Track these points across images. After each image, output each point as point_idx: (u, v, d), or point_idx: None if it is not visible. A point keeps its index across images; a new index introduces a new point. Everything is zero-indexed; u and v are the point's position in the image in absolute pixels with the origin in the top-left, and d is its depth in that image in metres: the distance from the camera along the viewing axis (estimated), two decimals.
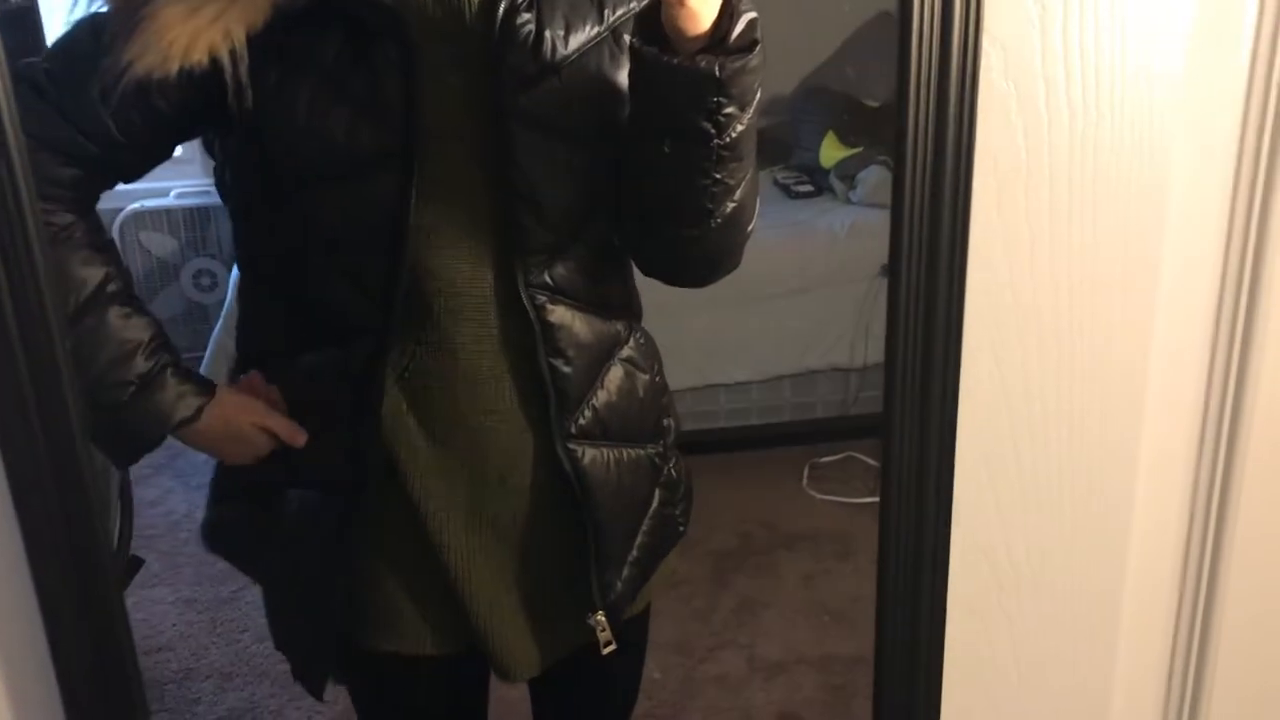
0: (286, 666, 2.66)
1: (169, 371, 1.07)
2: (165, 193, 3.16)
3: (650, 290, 1.16)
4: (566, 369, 1.08)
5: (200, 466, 3.08)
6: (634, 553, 1.17)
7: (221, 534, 1.21)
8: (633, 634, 1.26)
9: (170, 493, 2.88)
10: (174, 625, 2.53)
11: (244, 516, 1.17)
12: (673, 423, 1.23)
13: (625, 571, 1.16)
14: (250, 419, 1.10)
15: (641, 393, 1.17)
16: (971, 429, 0.69)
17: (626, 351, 1.15)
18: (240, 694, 2.39)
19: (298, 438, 1.10)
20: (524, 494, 1.12)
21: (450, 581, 1.12)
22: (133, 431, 1.07)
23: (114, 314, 1.04)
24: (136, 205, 3.17)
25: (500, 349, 1.07)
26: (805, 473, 2.77)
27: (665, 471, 1.21)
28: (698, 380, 2.77)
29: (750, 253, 1.08)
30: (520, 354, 1.07)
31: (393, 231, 1.00)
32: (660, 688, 2.43)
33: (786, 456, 2.84)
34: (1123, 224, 0.68)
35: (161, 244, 3.11)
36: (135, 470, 2.97)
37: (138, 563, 1.76)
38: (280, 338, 1.11)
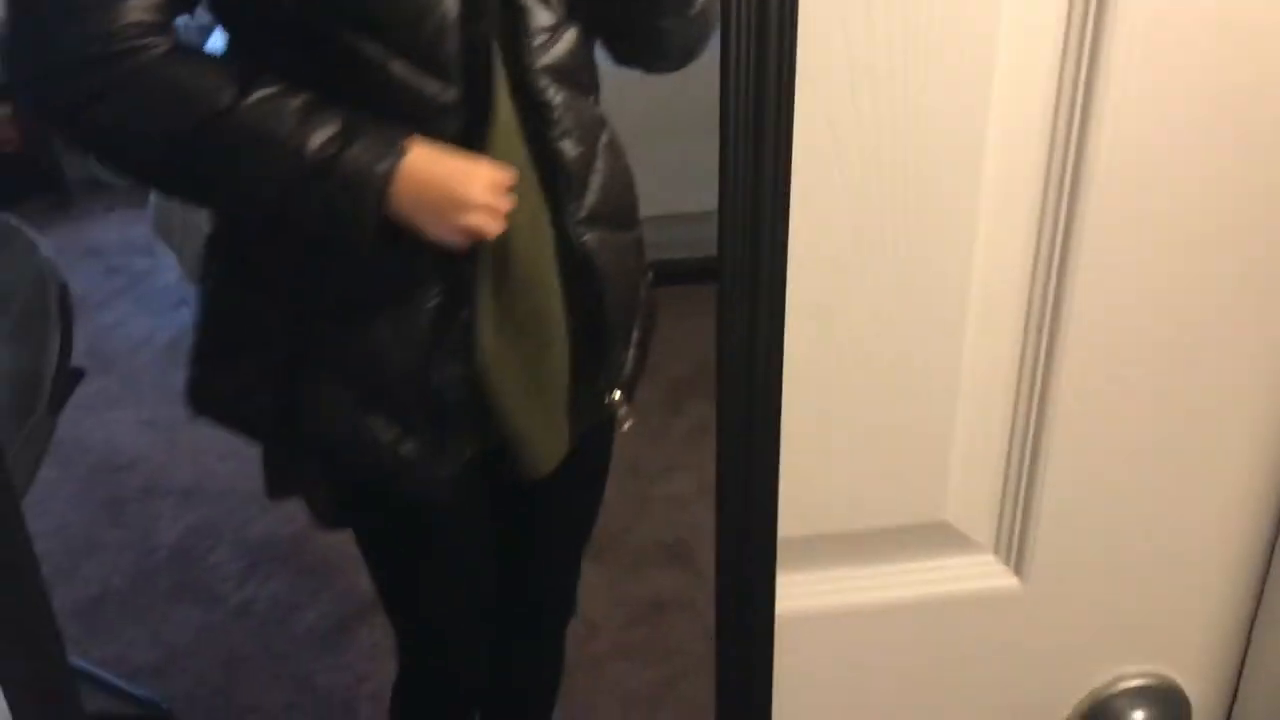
0: (248, 485, 2.71)
1: (357, 113, 0.99)
2: None
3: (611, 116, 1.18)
4: (573, 150, 1.11)
5: (160, 292, 3.09)
6: (636, 333, 1.22)
7: (219, 393, 1.18)
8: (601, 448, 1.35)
9: (131, 316, 2.89)
10: (135, 445, 2.57)
11: (259, 368, 1.12)
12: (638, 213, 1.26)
13: (631, 352, 1.22)
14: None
15: (625, 176, 1.20)
16: (804, 194, 0.68)
17: (608, 135, 1.18)
18: (200, 512, 2.45)
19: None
20: (541, 285, 1.14)
21: (484, 385, 1.12)
22: (357, 186, 0.98)
23: (264, 88, 0.97)
24: None
25: (510, 139, 1.07)
26: None
27: (644, 258, 1.25)
28: (659, 209, 2.74)
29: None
30: (531, 139, 1.08)
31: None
32: (611, 506, 2.48)
33: None
34: None
35: None
36: (95, 295, 2.98)
37: (79, 374, 1.78)
38: None
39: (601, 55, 1.19)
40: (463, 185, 1.02)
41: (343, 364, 1.10)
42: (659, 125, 1.29)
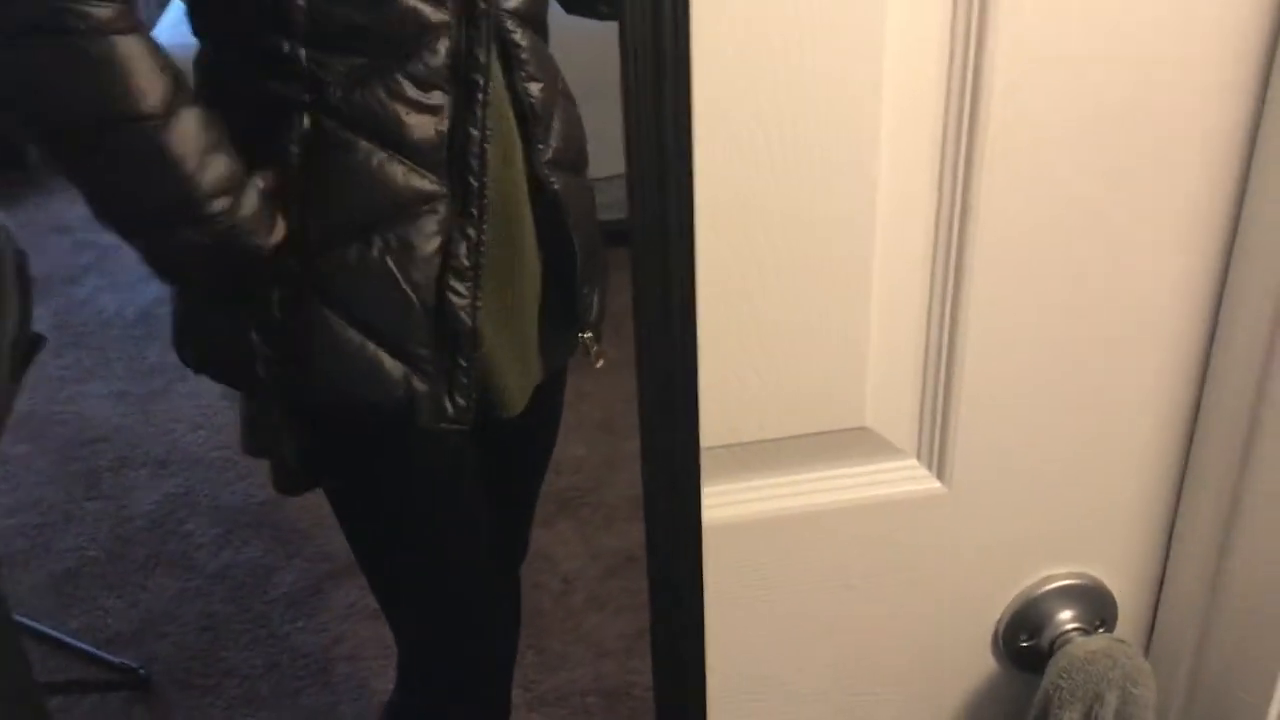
0: (221, 454, 2.71)
1: (253, 176, 1.05)
2: None
3: (574, 74, 1.21)
4: (539, 92, 1.13)
5: (128, 266, 3.09)
6: (596, 275, 1.24)
7: (214, 344, 1.16)
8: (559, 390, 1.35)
9: (100, 290, 2.89)
10: (108, 418, 2.58)
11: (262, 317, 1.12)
12: None
13: (595, 292, 1.24)
14: None
15: (578, 122, 1.22)
16: (707, 99, 0.69)
17: (562, 83, 1.19)
18: (175, 480, 2.46)
19: None
20: (514, 221, 1.15)
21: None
22: (243, 245, 1.03)
23: (186, 107, 1.00)
24: None
25: (492, 76, 1.09)
26: None
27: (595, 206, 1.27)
28: (612, 170, 2.75)
29: None
30: (505, 81, 1.12)
31: None
32: (585, 463, 2.50)
33: None
34: None
35: None
36: (64, 271, 2.98)
37: (40, 340, 1.78)
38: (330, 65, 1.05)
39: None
40: None
41: (346, 300, 1.09)
42: (608, 85, 1.31)
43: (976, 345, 0.77)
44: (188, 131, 0.98)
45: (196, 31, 1.12)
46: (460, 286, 1.09)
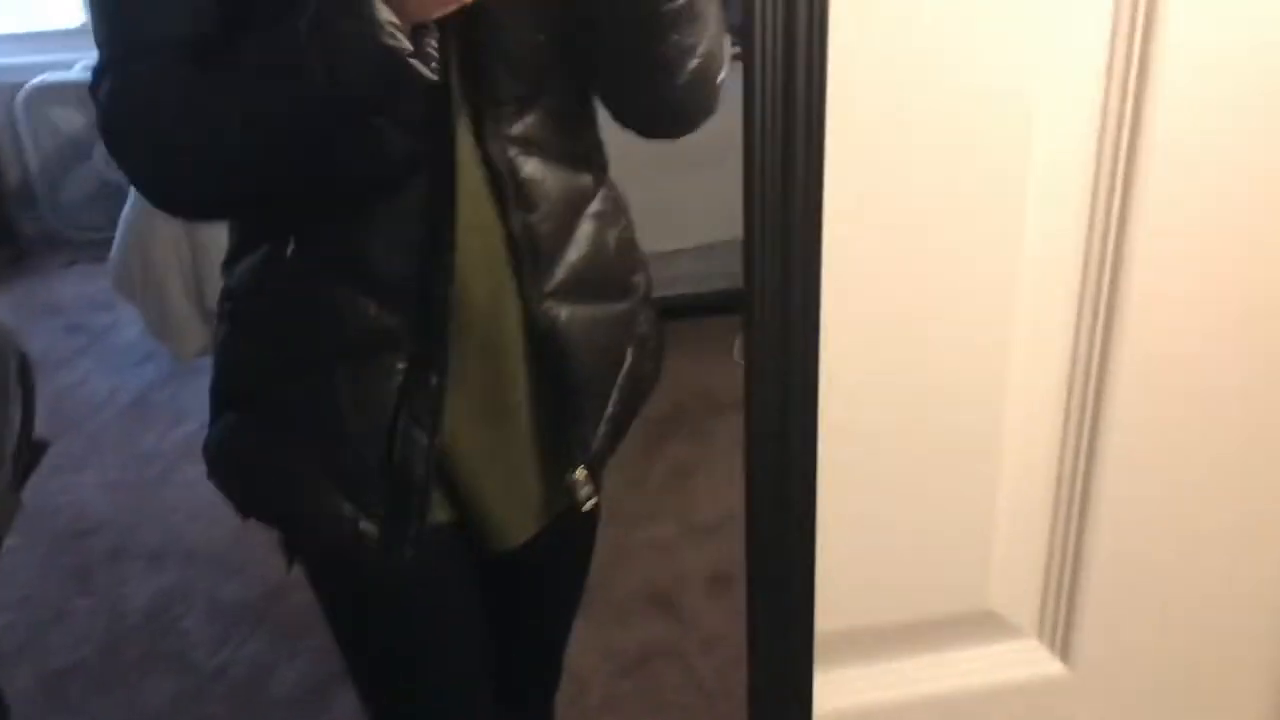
0: (219, 545, 2.63)
1: None
2: (69, 65, 3.01)
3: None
4: (540, 223, 1.07)
5: (121, 349, 3.02)
6: (609, 409, 1.17)
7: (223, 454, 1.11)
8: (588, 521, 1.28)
9: (91, 374, 2.82)
10: (100, 508, 2.49)
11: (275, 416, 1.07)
12: (644, 278, 1.21)
13: (602, 428, 1.17)
14: None
15: (613, 247, 1.16)
16: (833, 273, 0.66)
17: (596, 206, 1.13)
18: (171, 574, 2.38)
19: None
20: (504, 355, 1.10)
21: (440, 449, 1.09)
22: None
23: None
24: (40, 79, 3.02)
25: (477, 205, 1.03)
26: (736, 342, 2.75)
27: (638, 327, 1.20)
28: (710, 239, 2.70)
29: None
30: (496, 210, 1.04)
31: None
32: (594, 556, 2.44)
33: (719, 325, 2.81)
34: None
35: (70, 120, 2.97)
36: (55, 354, 2.90)
37: (42, 447, 1.72)
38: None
39: None
40: None
41: (308, 432, 1.06)
42: (628, 163, 1.26)
43: (1106, 526, 0.74)
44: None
45: None
46: (415, 432, 1.06)
